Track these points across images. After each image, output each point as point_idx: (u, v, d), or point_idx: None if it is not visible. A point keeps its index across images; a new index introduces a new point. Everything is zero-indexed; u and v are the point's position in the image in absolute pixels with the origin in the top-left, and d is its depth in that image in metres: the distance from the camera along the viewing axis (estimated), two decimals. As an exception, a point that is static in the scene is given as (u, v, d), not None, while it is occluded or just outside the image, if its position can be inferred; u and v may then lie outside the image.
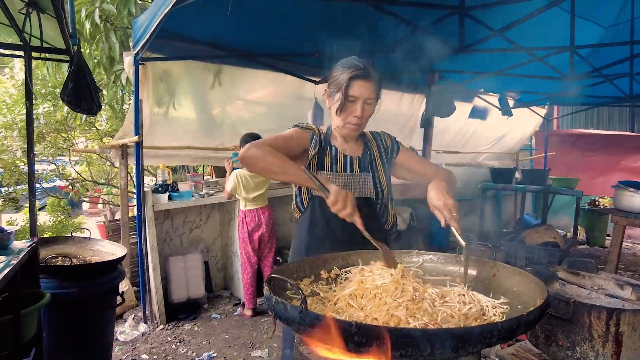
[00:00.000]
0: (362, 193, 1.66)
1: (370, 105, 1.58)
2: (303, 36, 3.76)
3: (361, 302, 1.06)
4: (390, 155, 1.75)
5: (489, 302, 1.06)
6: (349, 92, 1.52)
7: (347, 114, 1.57)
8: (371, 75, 1.54)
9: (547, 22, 3.64)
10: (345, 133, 1.64)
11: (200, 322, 3.88)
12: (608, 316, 1.48)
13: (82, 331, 2.57)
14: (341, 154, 1.69)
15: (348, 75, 1.51)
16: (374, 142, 1.77)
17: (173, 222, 4.40)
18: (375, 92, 1.57)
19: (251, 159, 1.51)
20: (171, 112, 3.99)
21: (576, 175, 7.03)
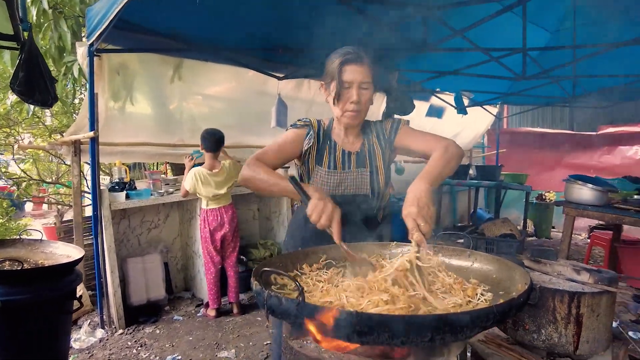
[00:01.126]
0: (359, 189, 1.65)
1: (367, 89, 1.54)
2: (267, 31, 3.71)
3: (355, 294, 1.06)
4: (389, 139, 1.69)
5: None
6: (343, 78, 1.50)
7: (344, 101, 1.54)
8: (363, 59, 1.51)
9: (501, 26, 3.83)
10: (346, 122, 1.61)
11: (161, 325, 3.75)
12: (570, 299, 1.58)
13: (35, 340, 2.40)
14: (340, 149, 1.66)
15: (339, 61, 1.50)
16: (374, 133, 1.72)
17: (130, 222, 4.21)
18: (370, 75, 1.53)
19: (247, 182, 1.53)
20: (128, 107, 3.80)
21: (524, 171, 7.44)
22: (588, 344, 1.60)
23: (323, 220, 1.29)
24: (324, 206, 1.30)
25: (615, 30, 4.12)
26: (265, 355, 3.19)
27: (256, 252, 4.66)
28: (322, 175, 1.63)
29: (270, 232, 5.07)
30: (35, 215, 9.66)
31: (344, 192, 1.64)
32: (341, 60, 1.50)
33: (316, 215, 1.29)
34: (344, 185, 1.64)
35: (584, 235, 6.75)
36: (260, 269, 1.06)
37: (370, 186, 1.65)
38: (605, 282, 1.64)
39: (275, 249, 4.77)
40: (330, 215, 1.30)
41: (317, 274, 1.33)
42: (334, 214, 1.31)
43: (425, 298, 0.99)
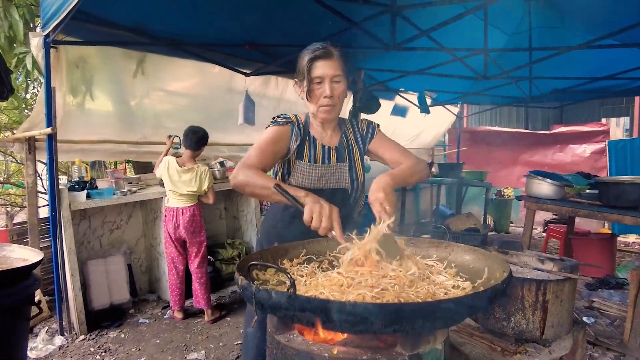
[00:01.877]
0: (339, 184, 1.66)
1: (339, 83, 1.55)
2: (234, 27, 3.66)
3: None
4: (364, 141, 1.74)
5: (450, 281, 1.13)
6: (312, 74, 1.51)
7: (317, 96, 1.55)
8: (332, 54, 1.52)
9: (464, 27, 3.96)
10: (322, 117, 1.61)
11: (127, 329, 3.62)
12: (537, 287, 1.66)
13: (-10, 348, 2.25)
14: (319, 143, 1.67)
15: (309, 58, 1.51)
16: (351, 130, 1.75)
17: (91, 222, 4.03)
18: (341, 69, 1.54)
19: (240, 188, 1.49)
20: (88, 103, 3.64)
21: (484, 169, 7.73)
22: (553, 329, 1.69)
23: (324, 224, 1.24)
24: (320, 209, 1.26)
25: (567, 35, 4.37)
26: (236, 355, 3.15)
27: (224, 252, 4.58)
28: (303, 169, 1.63)
29: (238, 231, 5.00)
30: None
31: (324, 186, 1.65)
32: (310, 56, 1.51)
33: (316, 220, 1.24)
34: (324, 179, 1.65)
35: (539, 229, 7.10)
36: (246, 263, 1.05)
37: (349, 180, 1.67)
38: (567, 269, 1.74)
39: (243, 249, 4.71)
40: (329, 217, 1.25)
41: (298, 268, 1.33)
42: (333, 215, 1.27)
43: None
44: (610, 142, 6.66)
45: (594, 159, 7.62)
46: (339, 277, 1.10)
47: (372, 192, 1.37)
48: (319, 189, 1.64)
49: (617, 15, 3.52)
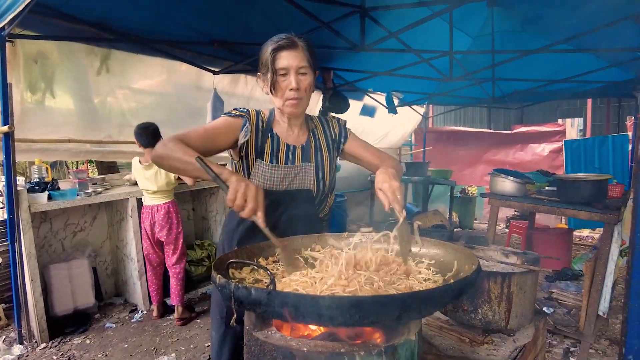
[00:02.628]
0: (302, 185, 1.58)
1: (306, 74, 1.46)
2: (202, 24, 3.61)
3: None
4: (338, 143, 1.67)
5: (422, 275, 1.18)
6: (277, 65, 1.42)
7: (283, 89, 1.46)
8: (297, 44, 1.44)
9: (431, 30, 4.07)
10: (288, 111, 1.50)
11: (92, 334, 3.50)
12: (502, 280, 1.74)
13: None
14: (283, 142, 1.57)
15: (272, 48, 1.42)
16: (320, 128, 1.67)
17: (52, 225, 3.87)
18: (307, 60, 1.45)
19: (158, 159, 1.36)
20: (48, 100, 3.49)
21: (449, 167, 7.96)
22: (517, 319, 1.78)
23: (250, 205, 1.15)
24: (246, 189, 1.15)
25: (528, 39, 4.57)
26: (208, 357, 3.11)
27: (193, 253, 4.51)
28: (264, 169, 1.53)
29: (207, 232, 4.93)
30: None
31: (287, 187, 1.57)
32: (274, 47, 1.42)
33: (240, 200, 1.14)
34: (288, 179, 1.56)
35: (502, 226, 7.38)
36: (223, 261, 1.05)
37: (315, 181, 1.59)
38: (530, 262, 1.83)
39: (212, 250, 4.64)
40: (255, 198, 1.16)
41: (273, 266, 1.34)
42: (259, 197, 1.17)
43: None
44: (566, 142, 7.01)
45: (552, 158, 8.01)
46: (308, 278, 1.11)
47: (381, 179, 1.33)
48: (282, 191, 1.56)
49: (571, 22, 3.72)
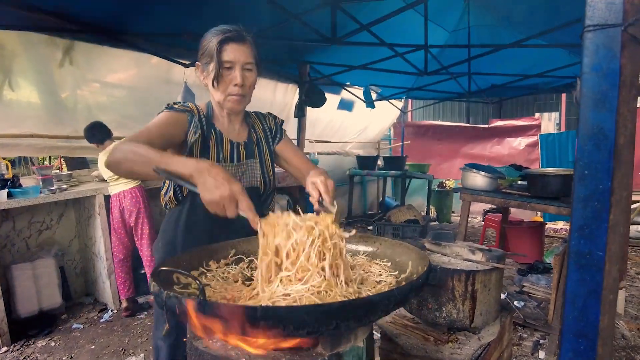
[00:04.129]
0: (250, 183, 1.53)
1: (251, 71, 1.42)
2: (171, 15, 3.49)
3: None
4: (273, 140, 1.65)
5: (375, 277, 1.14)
6: (223, 58, 1.35)
7: (226, 83, 1.40)
8: (245, 38, 1.39)
9: (406, 23, 4.03)
10: (229, 107, 1.45)
11: (57, 336, 3.39)
12: (466, 277, 1.72)
13: None
14: (227, 139, 1.51)
15: (219, 39, 1.35)
16: (258, 123, 1.64)
17: (15, 223, 3.72)
18: (254, 56, 1.41)
19: (115, 165, 1.22)
20: (7, 94, 3.34)
21: (427, 161, 8.01)
22: (482, 317, 1.77)
23: (229, 212, 1.02)
24: (220, 193, 1.01)
25: (503, 33, 4.59)
26: (177, 357, 3.05)
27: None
28: None
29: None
30: None
31: None
32: (221, 38, 1.35)
33: (218, 207, 1.02)
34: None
35: (479, 219, 7.46)
36: (157, 268, 0.99)
37: (261, 178, 1.56)
38: (495, 260, 1.82)
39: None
40: (234, 196, 1.02)
41: (224, 270, 1.28)
42: (238, 195, 1.02)
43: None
44: (541, 136, 7.11)
45: (528, 152, 8.12)
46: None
47: (315, 174, 1.31)
48: None
49: (542, 17, 3.74)
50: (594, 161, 0.69)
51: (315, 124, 6.31)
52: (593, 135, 0.68)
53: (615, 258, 0.71)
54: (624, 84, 0.64)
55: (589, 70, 0.67)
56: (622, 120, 0.65)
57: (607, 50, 0.64)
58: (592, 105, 0.66)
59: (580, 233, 0.72)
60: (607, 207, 0.67)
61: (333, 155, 7.13)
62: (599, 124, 0.66)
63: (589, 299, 0.71)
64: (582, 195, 0.71)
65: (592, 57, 0.66)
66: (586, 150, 0.70)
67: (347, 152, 7.42)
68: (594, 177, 0.69)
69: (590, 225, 0.70)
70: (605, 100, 0.65)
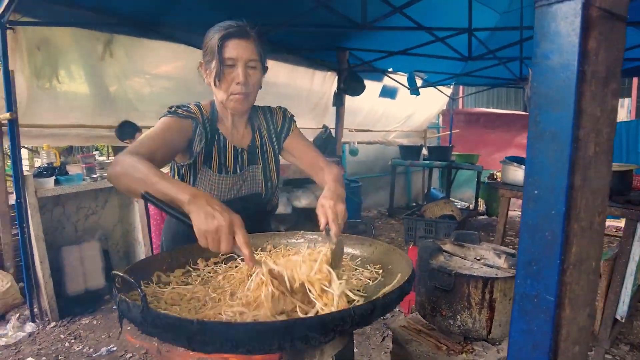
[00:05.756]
0: (251, 189, 1.49)
1: (255, 69, 1.34)
2: (206, 5, 3.51)
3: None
4: (279, 136, 1.57)
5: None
6: (224, 55, 1.29)
7: (228, 82, 1.32)
8: (248, 34, 1.32)
9: (447, 4, 3.78)
10: (232, 106, 1.37)
11: (100, 315, 3.60)
12: (484, 285, 1.57)
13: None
14: (230, 145, 1.44)
15: (220, 35, 1.28)
16: (264, 122, 1.56)
17: (65, 208, 3.97)
18: (258, 53, 1.33)
19: (114, 179, 1.12)
20: (55, 86, 3.53)
21: (477, 151, 7.59)
22: (500, 328, 1.61)
23: (224, 246, 0.91)
24: (216, 226, 0.90)
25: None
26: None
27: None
28: (211, 179, 1.41)
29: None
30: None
31: (237, 195, 1.46)
32: (222, 34, 1.28)
33: (211, 240, 0.91)
34: (236, 187, 1.45)
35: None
36: (114, 271, 0.97)
37: (263, 184, 1.51)
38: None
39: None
40: (229, 232, 0.91)
41: (212, 269, 1.24)
42: (236, 229, 0.92)
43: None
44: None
45: (591, 142, 7.45)
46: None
47: (325, 197, 1.19)
48: (230, 199, 1.44)
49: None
50: (545, 178, 0.53)
51: (356, 112, 6.16)
52: (544, 145, 0.53)
53: (582, 302, 0.56)
54: (595, 75, 0.48)
55: (541, 59, 0.51)
56: (591, 124, 0.49)
57: (562, 33, 0.48)
58: (543, 104, 0.51)
59: (526, 270, 0.57)
60: (561, 239, 0.52)
61: (374, 145, 6.95)
62: (552, 129, 0.51)
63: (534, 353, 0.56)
64: (530, 222, 0.55)
65: (544, 41, 0.50)
66: (536, 164, 0.54)
67: (390, 142, 7.21)
68: (544, 200, 0.53)
69: (539, 261, 0.55)
70: (560, 99, 0.49)
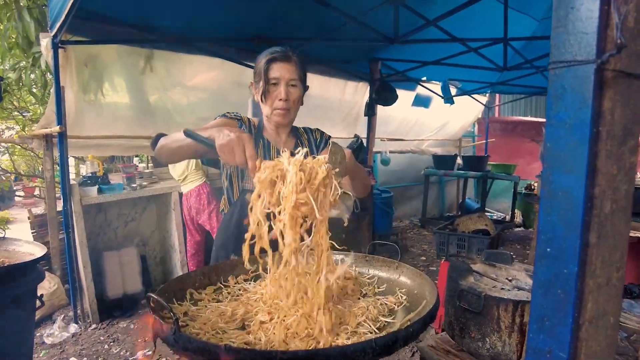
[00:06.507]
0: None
1: (295, 87, 1.54)
2: (240, 21, 3.62)
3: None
4: (318, 150, 1.73)
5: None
6: (269, 75, 1.50)
7: (272, 98, 1.53)
8: (290, 58, 1.52)
9: (482, 14, 3.72)
10: (276, 120, 1.58)
11: (136, 319, 3.74)
12: (514, 308, 1.53)
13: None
14: (274, 147, 1.62)
15: (266, 59, 1.50)
16: (305, 136, 1.74)
17: (106, 215, 4.17)
18: (298, 74, 1.53)
19: (157, 151, 1.44)
20: (100, 99, 3.73)
21: (514, 161, 7.37)
22: (532, 353, 1.57)
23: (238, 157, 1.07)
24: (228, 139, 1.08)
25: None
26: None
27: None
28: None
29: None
30: (26, 205, 9.66)
31: None
32: (268, 58, 1.50)
33: (227, 152, 1.08)
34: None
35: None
36: (150, 293, 1.02)
37: None
38: (550, 290, 1.60)
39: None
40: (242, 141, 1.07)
41: (241, 286, 1.29)
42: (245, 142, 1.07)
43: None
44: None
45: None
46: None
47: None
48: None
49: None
50: (557, 236, 0.53)
51: (388, 121, 6.13)
52: (556, 203, 0.53)
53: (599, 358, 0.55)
54: (610, 134, 0.47)
55: (554, 120, 0.51)
56: (607, 182, 0.49)
57: (575, 95, 0.48)
58: (556, 164, 0.51)
59: (539, 325, 0.57)
60: (574, 297, 0.52)
61: (407, 154, 6.89)
62: (564, 188, 0.51)
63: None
64: (543, 279, 0.55)
65: (557, 102, 0.51)
66: (549, 222, 0.54)
67: (423, 150, 7.12)
68: (556, 258, 0.53)
69: (552, 317, 0.55)
70: (573, 159, 0.49)
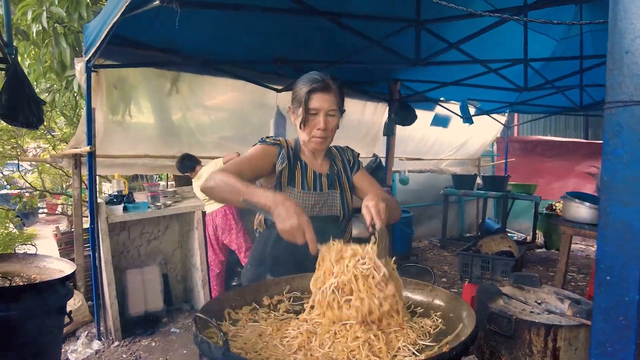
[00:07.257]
0: (331, 211, 1.66)
1: (333, 116, 1.58)
2: (262, 44, 3.72)
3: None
4: (351, 171, 1.77)
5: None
6: (309, 105, 1.54)
7: (311, 127, 1.57)
8: (330, 88, 1.55)
9: (501, 35, 3.75)
10: (312, 147, 1.63)
11: (158, 337, 3.76)
12: (546, 332, 1.52)
13: (23, 355, 2.42)
14: (311, 170, 1.67)
15: (307, 89, 1.53)
16: (338, 157, 1.79)
17: (130, 233, 4.25)
18: (337, 103, 1.57)
19: (208, 190, 1.45)
20: (127, 120, 3.86)
21: (535, 180, 7.28)
22: (566, 379, 1.54)
23: (298, 240, 1.21)
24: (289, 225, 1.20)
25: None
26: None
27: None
28: (296, 196, 1.62)
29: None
30: (49, 221, 9.88)
31: (317, 214, 1.64)
32: (309, 88, 1.53)
33: (289, 236, 1.21)
34: (318, 206, 1.64)
35: (594, 248, 6.54)
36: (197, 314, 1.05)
37: (341, 207, 1.67)
38: (583, 315, 1.57)
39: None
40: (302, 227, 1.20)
41: (278, 306, 1.31)
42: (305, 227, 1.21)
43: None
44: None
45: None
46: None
47: (368, 199, 1.35)
48: (312, 217, 1.60)
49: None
50: (617, 265, 0.55)
51: (407, 141, 6.16)
52: (615, 234, 0.54)
53: None
54: None
55: (611, 155, 0.53)
56: None
57: (632, 133, 0.50)
58: (614, 197, 0.53)
59: (600, 351, 0.57)
60: (635, 325, 0.53)
61: (426, 173, 6.87)
62: (624, 219, 0.53)
63: None
64: (604, 305, 0.56)
65: (614, 138, 0.53)
66: (607, 252, 0.56)
67: (442, 170, 7.09)
68: (617, 286, 0.54)
69: (614, 343, 0.56)
70: (630, 193, 0.51)
